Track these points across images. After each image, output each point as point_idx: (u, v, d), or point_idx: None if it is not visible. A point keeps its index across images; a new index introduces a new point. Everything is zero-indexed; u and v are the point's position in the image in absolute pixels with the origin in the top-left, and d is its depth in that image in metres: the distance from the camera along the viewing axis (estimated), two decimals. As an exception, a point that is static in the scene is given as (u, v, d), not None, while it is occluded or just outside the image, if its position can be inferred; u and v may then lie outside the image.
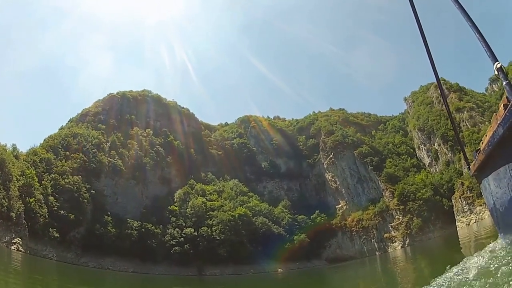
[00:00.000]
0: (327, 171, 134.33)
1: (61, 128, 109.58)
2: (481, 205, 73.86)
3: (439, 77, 11.96)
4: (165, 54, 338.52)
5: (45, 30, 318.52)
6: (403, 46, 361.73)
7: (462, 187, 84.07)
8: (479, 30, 7.07)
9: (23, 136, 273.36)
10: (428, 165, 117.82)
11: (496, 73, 6.64)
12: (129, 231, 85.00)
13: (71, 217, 74.49)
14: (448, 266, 10.96)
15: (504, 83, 6.37)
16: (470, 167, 11.00)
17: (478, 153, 9.42)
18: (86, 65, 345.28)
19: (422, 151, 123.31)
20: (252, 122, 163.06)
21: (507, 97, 6.46)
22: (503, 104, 6.62)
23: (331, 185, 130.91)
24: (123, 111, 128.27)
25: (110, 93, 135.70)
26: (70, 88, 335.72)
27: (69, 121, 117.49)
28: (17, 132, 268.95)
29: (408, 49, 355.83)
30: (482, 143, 8.78)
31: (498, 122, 6.81)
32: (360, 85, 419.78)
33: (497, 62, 6.59)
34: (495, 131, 7.13)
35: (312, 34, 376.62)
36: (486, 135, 8.29)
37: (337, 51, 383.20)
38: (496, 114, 7.25)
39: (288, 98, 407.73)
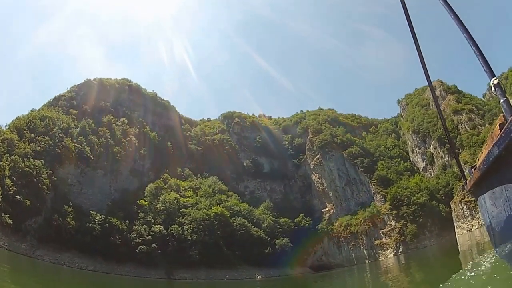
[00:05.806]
0: (313, 172, 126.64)
1: (32, 110, 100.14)
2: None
3: (431, 80, 11.46)
4: (163, 49, 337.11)
5: (38, 24, 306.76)
6: (399, 49, 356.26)
7: (463, 191, 76.75)
8: (475, 43, 6.54)
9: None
10: (422, 169, 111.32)
11: (493, 89, 6.19)
12: (90, 224, 75.49)
13: (27, 204, 66.25)
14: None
15: (502, 100, 5.84)
16: (467, 182, 10.17)
17: (474, 170, 8.58)
18: (80, 59, 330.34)
19: (416, 155, 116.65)
20: (236, 119, 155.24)
21: (503, 116, 6.00)
22: (499, 124, 6.00)
23: (318, 187, 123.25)
24: (98, 98, 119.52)
25: (86, 79, 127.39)
26: (62, 84, 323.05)
27: (42, 105, 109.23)
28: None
29: (403, 53, 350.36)
30: (478, 160, 8.09)
31: (494, 141, 6.03)
32: (353, 87, 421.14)
33: (494, 78, 6.14)
34: (490, 150, 6.31)
35: (312, 29, 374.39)
36: (482, 153, 7.64)
37: (338, 44, 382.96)
38: (492, 133, 6.59)
39: (282, 95, 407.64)
